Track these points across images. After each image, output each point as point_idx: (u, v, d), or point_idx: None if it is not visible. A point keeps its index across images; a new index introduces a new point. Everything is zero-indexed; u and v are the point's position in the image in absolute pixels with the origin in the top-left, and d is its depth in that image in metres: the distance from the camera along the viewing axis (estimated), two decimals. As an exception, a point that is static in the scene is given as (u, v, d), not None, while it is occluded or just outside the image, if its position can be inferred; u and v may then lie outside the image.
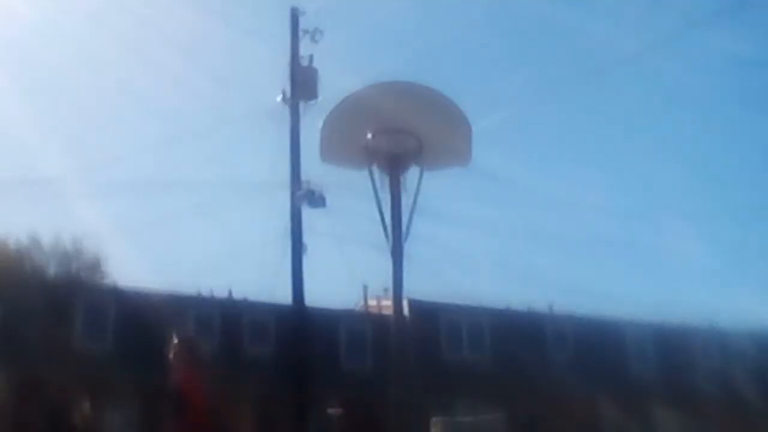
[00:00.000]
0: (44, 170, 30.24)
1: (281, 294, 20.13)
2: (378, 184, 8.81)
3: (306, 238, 19.26)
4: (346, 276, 29.42)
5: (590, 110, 40.09)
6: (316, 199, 18.49)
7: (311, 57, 20.05)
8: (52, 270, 29.71)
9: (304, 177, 19.13)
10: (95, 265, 30.23)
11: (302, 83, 19.79)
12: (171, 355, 8.75)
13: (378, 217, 8.76)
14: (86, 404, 22.83)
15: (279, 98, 19.99)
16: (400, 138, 8.77)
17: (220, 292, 26.32)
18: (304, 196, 18.68)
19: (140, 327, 23.23)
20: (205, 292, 26.15)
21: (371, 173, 8.82)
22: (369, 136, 8.74)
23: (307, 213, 19.14)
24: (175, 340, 8.81)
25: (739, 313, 30.81)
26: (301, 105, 19.82)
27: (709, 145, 44.68)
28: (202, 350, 8.22)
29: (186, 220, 34.73)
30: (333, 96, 12.28)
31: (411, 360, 12.11)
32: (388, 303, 18.85)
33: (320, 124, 9.21)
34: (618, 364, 27.98)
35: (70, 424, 22.41)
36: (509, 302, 27.96)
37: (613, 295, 33.59)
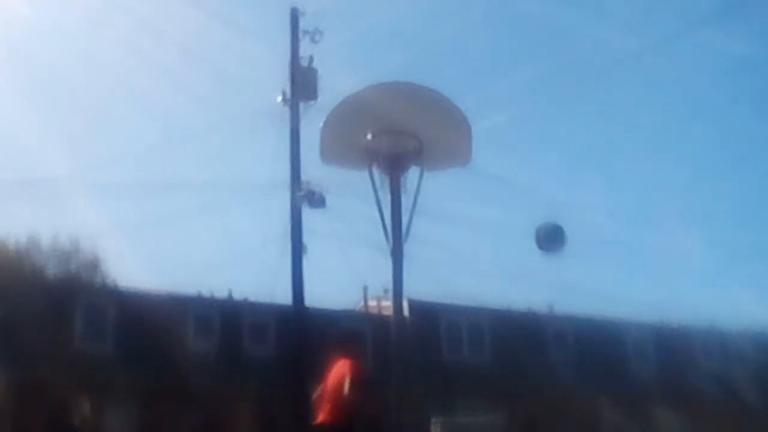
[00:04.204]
0: (44, 170, 30.25)
1: (281, 294, 20.16)
2: (378, 184, 8.83)
3: (306, 239, 19.28)
4: (346, 276, 29.45)
5: (590, 110, 40.03)
6: (316, 200, 18.49)
7: (311, 57, 20.06)
8: (51, 270, 29.68)
9: (304, 177, 19.14)
10: (95, 266, 30.20)
11: (302, 84, 19.79)
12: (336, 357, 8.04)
13: (378, 218, 8.77)
14: (86, 404, 22.82)
15: (279, 99, 19.99)
16: (400, 138, 8.79)
17: (220, 293, 26.30)
18: (304, 197, 18.67)
19: (140, 327, 23.23)
20: (205, 292, 26.12)
21: (371, 174, 8.83)
22: (369, 136, 8.75)
23: (307, 213, 19.17)
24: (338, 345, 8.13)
25: (739, 313, 30.80)
26: (301, 105, 19.82)
27: (709, 145, 44.66)
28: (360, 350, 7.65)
29: (186, 220, 34.80)
30: (333, 97, 12.29)
31: (411, 360, 12.11)
32: (388, 303, 18.85)
33: (320, 124, 9.23)
34: (618, 364, 27.97)
35: (70, 424, 22.40)
36: (509, 302, 27.93)
37: (613, 295, 33.53)
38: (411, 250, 8.80)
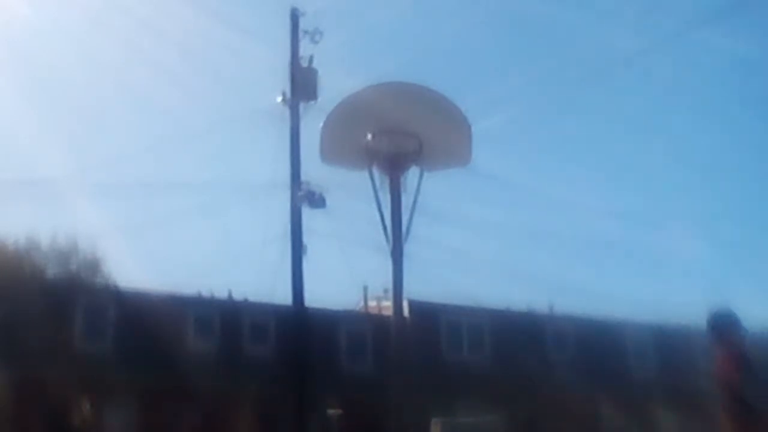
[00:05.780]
0: (44, 170, 30.23)
1: (281, 295, 20.14)
2: (378, 184, 8.81)
3: (306, 239, 19.26)
4: (346, 277, 29.43)
5: (590, 110, 40.03)
6: (316, 200, 18.50)
7: (311, 58, 20.05)
8: (51, 271, 29.64)
9: (304, 177, 19.15)
10: (95, 266, 30.15)
11: (302, 84, 19.78)
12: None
13: (378, 218, 8.77)
14: (86, 404, 22.83)
15: (279, 99, 19.99)
16: (400, 139, 8.78)
17: (220, 293, 26.32)
18: (304, 197, 18.68)
19: (140, 327, 23.25)
20: (205, 292, 26.14)
21: (371, 174, 8.82)
22: (369, 136, 8.74)
23: (307, 214, 19.16)
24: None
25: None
26: (301, 106, 19.82)
27: (709, 145, 44.61)
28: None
29: (186, 220, 34.73)
30: (333, 97, 12.27)
31: (411, 361, 12.10)
32: (388, 304, 18.86)
33: (320, 124, 9.22)
34: (618, 364, 27.97)
35: (70, 424, 22.41)
36: (509, 303, 27.93)
37: (613, 295, 33.51)
38: (411, 250, 8.79)
